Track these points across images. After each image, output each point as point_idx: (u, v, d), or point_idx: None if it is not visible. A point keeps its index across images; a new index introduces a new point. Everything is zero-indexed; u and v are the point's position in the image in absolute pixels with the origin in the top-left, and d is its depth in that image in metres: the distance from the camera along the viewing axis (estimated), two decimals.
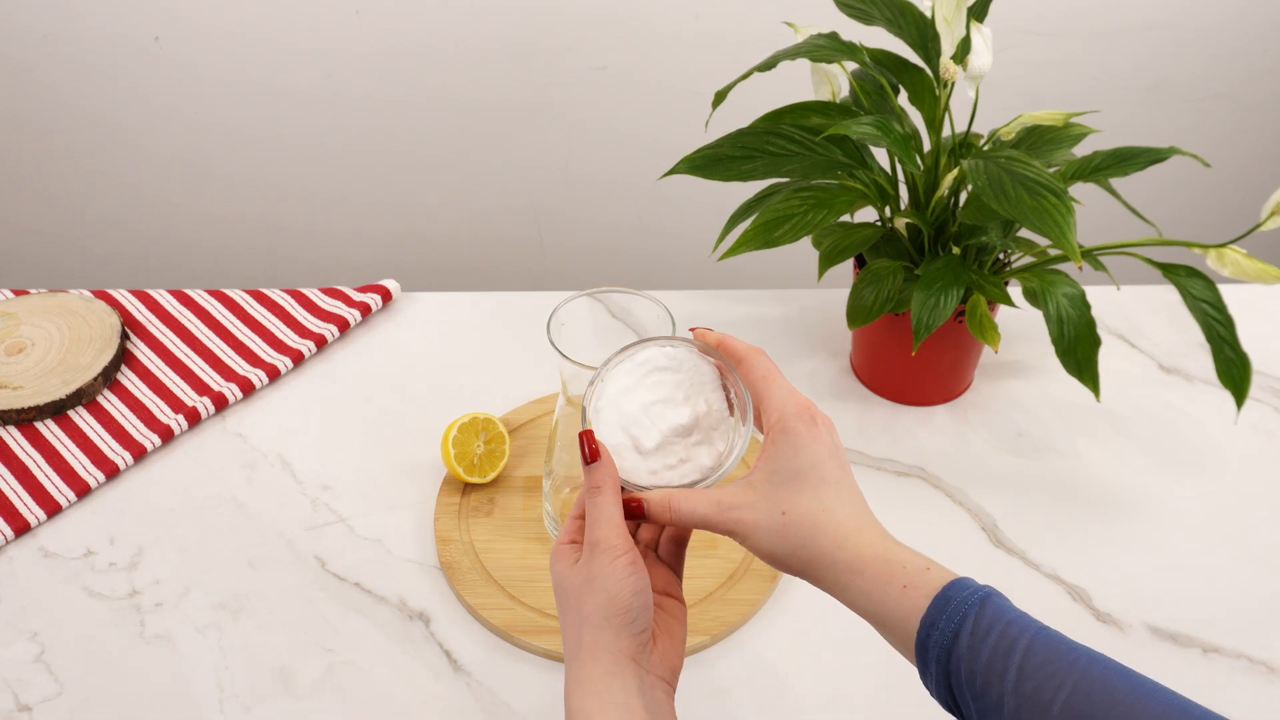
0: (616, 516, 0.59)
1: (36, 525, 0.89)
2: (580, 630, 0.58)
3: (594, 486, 0.59)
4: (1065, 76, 1.67)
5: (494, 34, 1.60)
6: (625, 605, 0.57)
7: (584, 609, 0.58)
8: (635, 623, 0.57)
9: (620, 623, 0.57)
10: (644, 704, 0.56)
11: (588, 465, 0.60)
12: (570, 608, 0.59)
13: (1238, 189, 1.80)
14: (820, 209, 0.89)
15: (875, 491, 0.92)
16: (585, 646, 0.57)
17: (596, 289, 0.81)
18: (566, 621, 0.59)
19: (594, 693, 0.56)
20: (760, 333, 1.07)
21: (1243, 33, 1.65)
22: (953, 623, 0.53)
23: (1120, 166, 0.89)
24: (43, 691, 0.78)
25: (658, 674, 0.59)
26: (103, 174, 1.75)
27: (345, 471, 0.94)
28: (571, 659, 0.58)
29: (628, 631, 0.57)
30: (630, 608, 0.57)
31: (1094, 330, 0.86)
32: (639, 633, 0.58)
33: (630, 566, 0.57)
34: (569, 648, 0.59)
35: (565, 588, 0.59)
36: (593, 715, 0.55)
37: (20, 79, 1.63)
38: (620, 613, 0.57)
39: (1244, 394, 0.87)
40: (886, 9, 0.93)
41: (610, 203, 1.80)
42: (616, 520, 0.59)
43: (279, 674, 0.79)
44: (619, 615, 0.57)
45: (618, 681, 0.56)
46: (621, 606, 0.57)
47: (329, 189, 1.78)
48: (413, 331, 1.08)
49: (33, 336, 1.02)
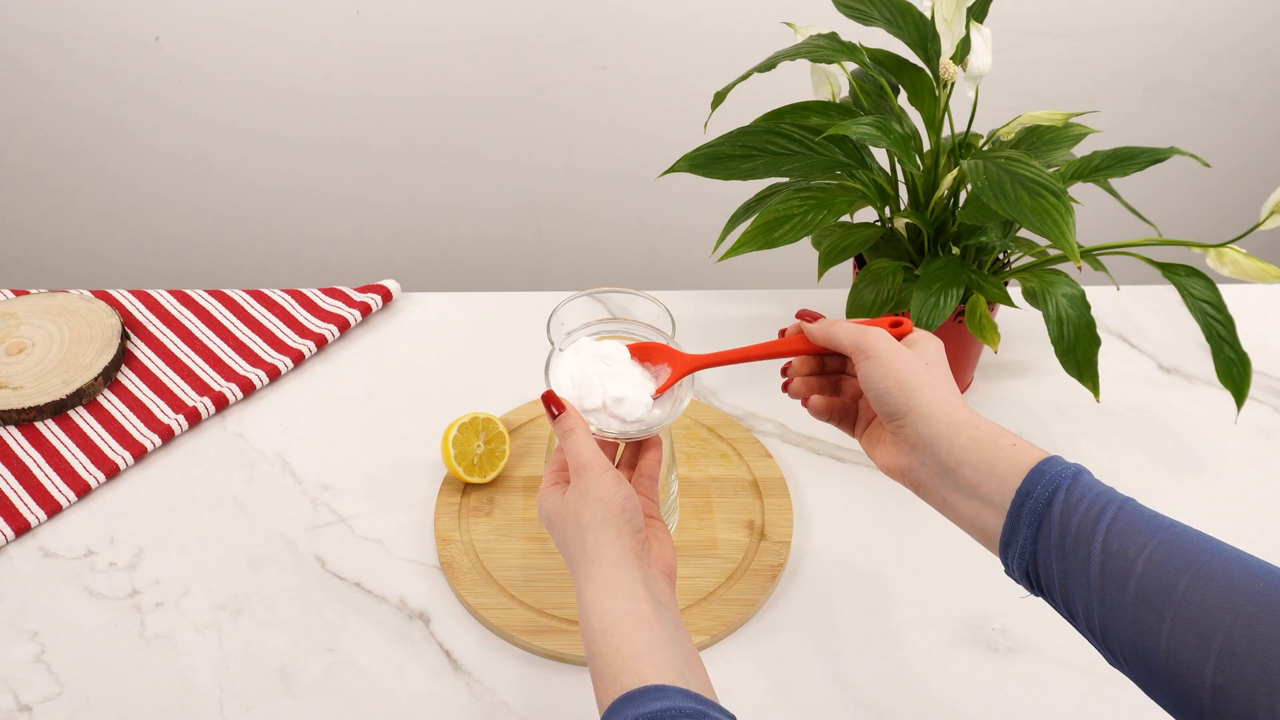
0: (593, 445, 0.66)
1: (37, 525, 0.89)
2: (582, 537, 0.63)
3: (567, 430, 0.66)
4: (1065, 76, 1.67)
5: (494, 33, 1.60)
6: (620, 506, 0.63)
7: (582, 518, 0.63)
8: (632, 520, 0.63)
9: (619, 521, 0.63)
10: (649, 592, 0.61)
11: (555, 419, 0.67)
12: (568, 525, 0.64)
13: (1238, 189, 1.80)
14: (820, 209, 0.89)
15: (875, 491, 0.93)
16: (589, 548, 0.62)
17: (596, 289, 0.81)
18: (567, 538, 0.64)
19: (603, 584, 0.61)
20: (760, 333, 1.07)
21: (1243, 33, 1.65)
22: (1046, 492, 0.56)
23: (1120, 166, 0.89)
24: (43, 691, 0.78)
25: (658, 569, 0.64)
26: (103, 174, 1.75)
27: (345, 471, 0.94)
28: (577, 565, 0.63)
29: (627, 528, 0.63)
30: (625, 508, 0.63)
31: (1094, 330, 0.86)
32: (636, 530, 0.63)
33: (617, 478, 0.64)
34: (574, 558, 0.63)
35: (559, 512, 0.65)
36: (603, 602, 0.60)
37: (20, 79, 1.63)
38: (617, 513, 0.63)
39: (1244, 394, 0.87)
40: (886, 9, 0.93)
41: (610, 202, 1.80)
42: (594, 447, 0.65)
43: (279, 674, 0.79)
44: (616, 515, 0.63)
45: (624, 572, 0.61)
46: (617, 507, 0.63)
47: (329, 188, 1.78)
48: (413, 331, 1.08)
49: (33, 336, 1.02)
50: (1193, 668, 0.49)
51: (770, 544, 0.86)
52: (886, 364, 0.63)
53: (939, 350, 0.66)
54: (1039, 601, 0.84)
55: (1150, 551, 0.52)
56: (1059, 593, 0.56)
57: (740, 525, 0.88)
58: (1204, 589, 0.50)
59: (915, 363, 0.64)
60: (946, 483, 0.61)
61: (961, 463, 0.60)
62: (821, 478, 0.94)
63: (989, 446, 0.60)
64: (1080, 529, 0.55)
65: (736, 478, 0.92)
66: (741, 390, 1.01)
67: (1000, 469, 0.59)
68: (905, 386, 0.63)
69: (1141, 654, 0.52)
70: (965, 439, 0.60)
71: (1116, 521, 0.54)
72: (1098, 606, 0.54)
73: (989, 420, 0.62)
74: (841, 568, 0.87)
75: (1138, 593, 0.52)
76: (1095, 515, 0.55)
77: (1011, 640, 0.81)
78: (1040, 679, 0.79)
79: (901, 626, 0.82)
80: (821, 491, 0.92)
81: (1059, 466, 0.57)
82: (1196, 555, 0.52)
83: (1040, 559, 0.57)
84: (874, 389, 0.64)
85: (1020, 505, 0.57)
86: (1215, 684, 0.48)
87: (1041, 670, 0.79)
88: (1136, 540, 0.53)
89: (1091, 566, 0.54)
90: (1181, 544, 0.52)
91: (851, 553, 0.88)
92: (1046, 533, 0.56)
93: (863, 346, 0.65)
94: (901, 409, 0.63)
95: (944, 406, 0.62)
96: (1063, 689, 0.78)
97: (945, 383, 0.64)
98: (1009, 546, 0.58)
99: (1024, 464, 0.58)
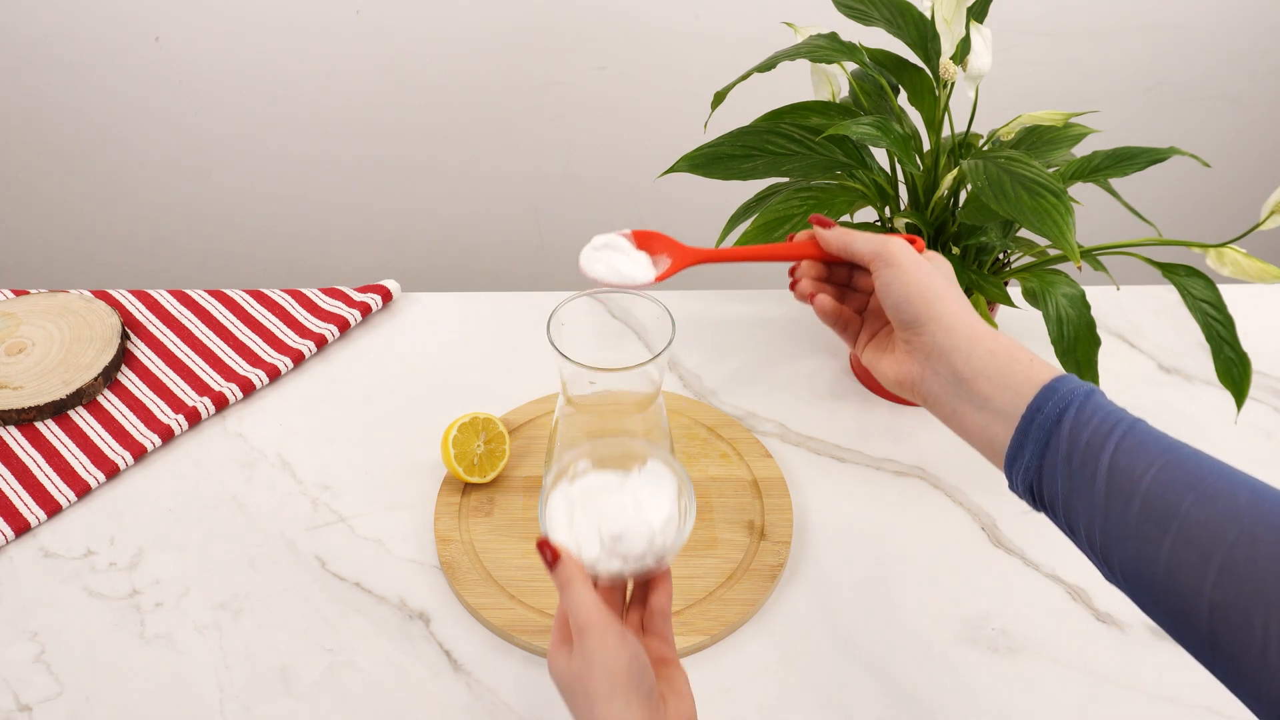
0: (592, 598, 0.60)
1: (37, 525, 0.89)
2: (591, 711, 0.59)
3: (565, 582, 0.61)
4: (1065, 76, 1.67)
5: (494, 34, 1.60)
6: (625, 670, 0.58)
7: (589, 689, 0.59)
8: (641, 686, 0.59)
9: (627, 689, 0.58)
10: None
11: (552, 569, 0.62)
12: (577, 695, 0.60)
13: (1238, 189, 1.80)
14: (820, 209, 0.89)
15: (875, 491, 0.93)
16: None
17: (596, 289, 0.81)
18: (578, 710, 0.60)
19: None
20: (760, 333, 1.07)
21: (1243, 33, 1.65)
22: (1058, 408, 0.57)
23: (1120, 166, 0.89)
24: (43, 691, 0.78)
25: None
26: (103, 174, 1.75)
27: (345, 471, 0.94)
28: None
29: (636, 696, 0.58)
30: (630, 671, 0.58)
31: (1094, 330, 0.86)
32: (647, 695, 0.59)
33: (620, 636, 0.59)
34: None
35: (567, 680, 0.61)
36: None
37: (20, 79, 1.63)
38: (623, 680, 0.58)
39: (1244, 394, 0.87)
40: (886, 9, 0.93)
41: (610, 203, 1.80)
42: (594, 601, 0.60)
43: (279, 674, 0.79)
44: (623, 683, 0.58)
45: None
46: (622, 673, 0.58)
47: (330, 189, 1.78)
48: (413, 332, 1.08)
49: (33, 336, 1.02)
50: (1192, 585, 0.50)
51: (770, 544, 0.86)
52: (908, 273, 0.64)
53: (951, 272, 0.67)
54: (1038, 602, 0.85)
55: (1157, 470, 0.53)
56: (1062, 508, 0.56)
57: (740, 525, 0.88)
58: (1208, 508, 0.50)
59: (936, 274, 0.65)
60: (959, 393, 0.62)
61: (978, 373, 0.61)
62: (821, 478, 0.94)
63: (1006, 360, 0.60)
64: (1089, 446, 0.55)
65: (736, 478, 0.92)
66: (742, 390, 1.01)
67: (1015, 382, 0.59)
68: (927, 296, 0.63)
69: (1141, 571, 0.52)
70: (983, 350, 0.61)
71: (1126, 440, 0.54)
72: (1100, 523, 0.54)
73: (1007, 335, 0.62)
74: (841, 568, 0.87)
75: (1142, 510, 0.52)
76: (1105, 433, 0.55)
77: (1011, 640, 0.81)
78: (1040, 679, 0.79)
79: (902, 626, 0.82)
80: (821, 491, 0.92)
81: (1072, 385, 0.58)
82: (1203, 475, 0.52)
83: (1045, 474, 0.57)
84: (893, 296, 0.64)
85: (1030, 420, 0.57)
86: (1213, 600, 0.49)
87: (1041, 670, 0.79)
88: (1144, 459, 0.53)
89: (1098, 483, 0.54)
90: (1189, 464, 0.53)
91: (851, 553, 0.88)
92: (1055, 448, 0.56)
93: (884, 255, 0.65)
94: (922, 317, 0.63)
95: (963, 317, 0.63)
96: (1063, 689, 0.78)
97: (962, 298, 0.65)
98: (1015, 460, 0.58)
99: (1039, 379, 0.59)
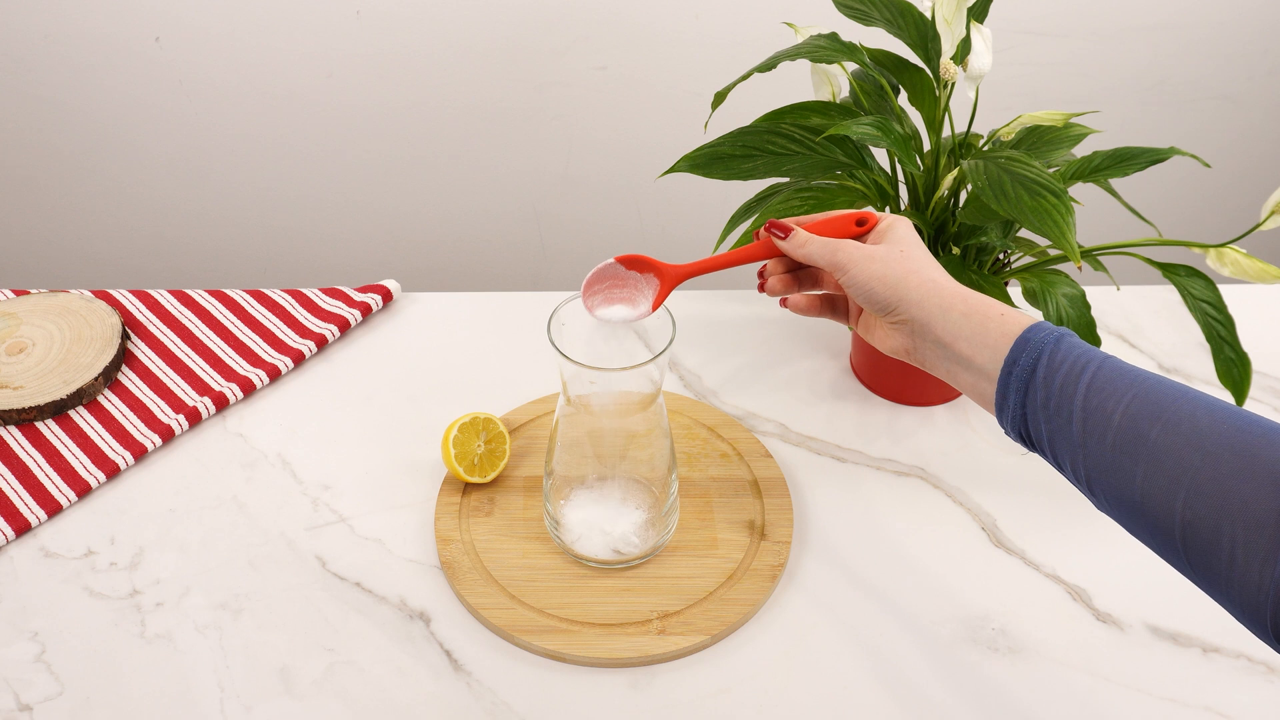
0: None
1: (37, 525, 0.89)
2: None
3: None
4: (1065, 76, 1.67)
5: (494, 34, 1.60)
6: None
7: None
8: None
9: None
10: None
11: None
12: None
13: (1238, 189, 1.80)
14: (820, 209, 0.89)
15: (875, 491, 0.93)
16: None
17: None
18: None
19: None
20: (760, 333, 1.07)
21: (1243, 33, 1.65)
22: (1031, 359, 0.61)
23: (1120, 167, 0.89)
24: (43, 691, 0.78)
25: None
26: (103, 174, 1.75)
27: (345, 471, 0.94)
28: None
29: None
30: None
31: (1094, 330, 0.86)
32: None
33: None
34: None
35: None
36: None
37: (20, 79, 1.63)
38: None
39: (1244, 394, 0.87)
40: (886, 9, 0.93)
41: (610, 203, 1.80)
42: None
43: (279, 674, 0.79)
44: None
45: None
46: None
47: (330, 189, 1.78)
48: (413, 332, 1.08)
49: (33, 336, 1.02)
50: (1165, 506, 0.54)
51: (770, 544, 0.86)
52: (864, 270, 0.68)
53: (908, 229, 0.70)
54: (1038, 602, 0.85)
55: (1126, 404, 0.57)
56: (1049, 448, 0.61)
57: (740, 525, 0.88)
58: (1173, 435, 0.55)
59: (892, 257, 0.68)
60: (947, 356, 0.66)
61: (957, 337, 0.65)
62: (821, 478, 0.94)
63: (980, 320, 0.64)
64: (1063, 390, 0.59)
65: (736, 478, 0.92)
66: (742, 390, 1.01)
67: (991, 339, 0.63)
68: (888, 282, 0.67)
69: (1121, 497, 0.57)
70: (957, 314, 0.65)
71: (1095, 380, 0.59)
72: (1082, 459, 0.59)
73: (975, 291, 0.66)
74: (841, 568, 0.87)
75: (1115, 443, 0.57)
76: (1075, 376, 0.59)
77: (1011, 640, 0.81)
78: (1040, 679, 0.79)
79: (901, 626, 0.82)
80: (821, 491, 0.92)
81: (1043, 333, 0.62)
82: (1167, 405, 0.56)
83: (1030, 420, 0.61)
84: (860, 293, 0.69)
85: (1009, 373, 0.62)
86: (1184, 519, 0.54)
87: (1041, 670, 0.79)
88: (1114, 396, 0.58)
89: (1074, 424, 0.59)
90: (1154, 395, 0.57)
91: (851, 553, 0.88)
92: (1033, 396, 0.61)
93: (836, 264, 0.69)
94: (891, 302, 0.67)
95: (930, 288, 0.66)
96: (1063, 689, 0.78)
97: (926, 263, 0.68)
98: (1003, 410, 0.63)
99: (1011, 332, 0.63)
